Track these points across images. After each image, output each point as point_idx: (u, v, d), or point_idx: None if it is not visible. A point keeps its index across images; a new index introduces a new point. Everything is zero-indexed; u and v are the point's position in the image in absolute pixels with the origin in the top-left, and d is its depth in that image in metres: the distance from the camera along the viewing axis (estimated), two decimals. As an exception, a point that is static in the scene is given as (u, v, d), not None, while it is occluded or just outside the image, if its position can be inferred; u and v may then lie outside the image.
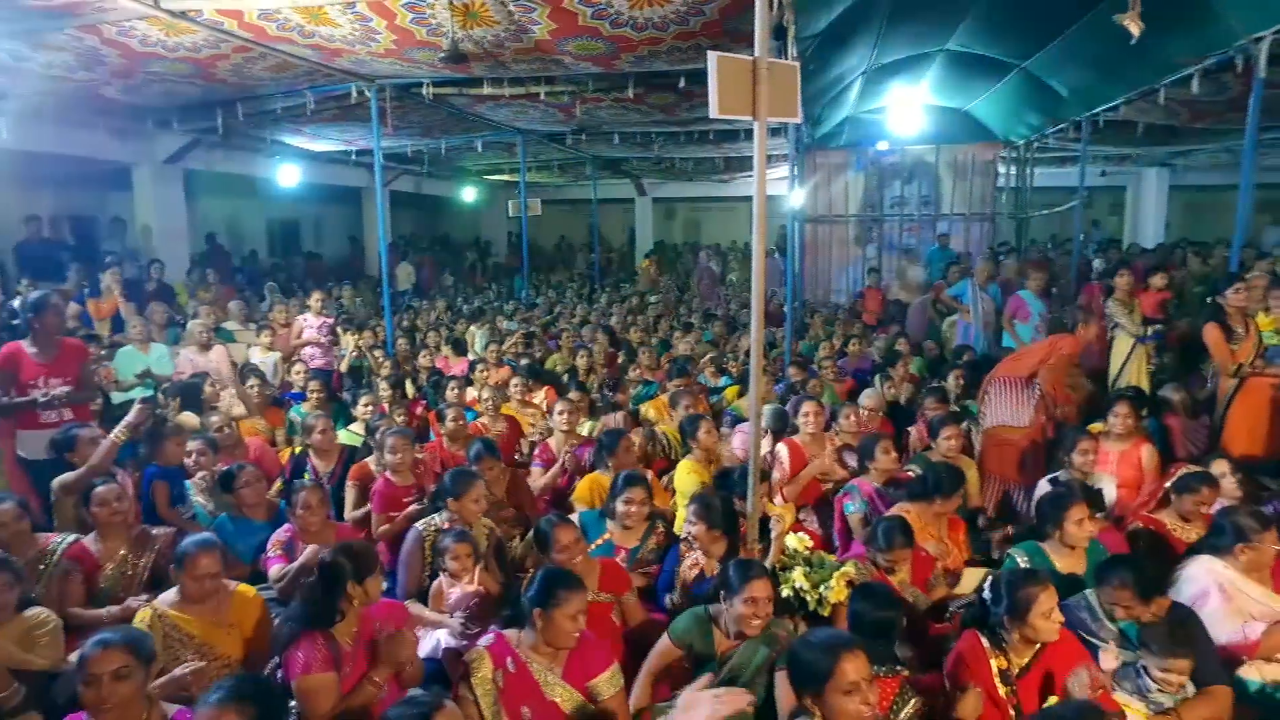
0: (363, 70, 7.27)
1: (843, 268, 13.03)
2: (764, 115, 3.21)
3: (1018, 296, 7.62)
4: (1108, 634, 3.03)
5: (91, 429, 4.59)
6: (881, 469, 4.35)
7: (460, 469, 4.03)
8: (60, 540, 3.58)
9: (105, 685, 2.25)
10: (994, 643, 2.77)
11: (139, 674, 2.32)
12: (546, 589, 2.65)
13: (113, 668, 2.27)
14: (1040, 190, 13.04)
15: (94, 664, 2.27)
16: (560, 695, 2.65)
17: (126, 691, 2.28)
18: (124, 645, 2.32)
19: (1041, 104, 9.82)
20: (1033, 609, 2.68)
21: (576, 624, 2.63)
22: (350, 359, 7.67)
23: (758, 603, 2.83)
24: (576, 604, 2.63)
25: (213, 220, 14.79)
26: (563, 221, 21.83)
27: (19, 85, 7.10)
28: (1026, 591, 2.71)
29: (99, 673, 2.26)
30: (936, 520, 3.91)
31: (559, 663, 2.69)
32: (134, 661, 2.31)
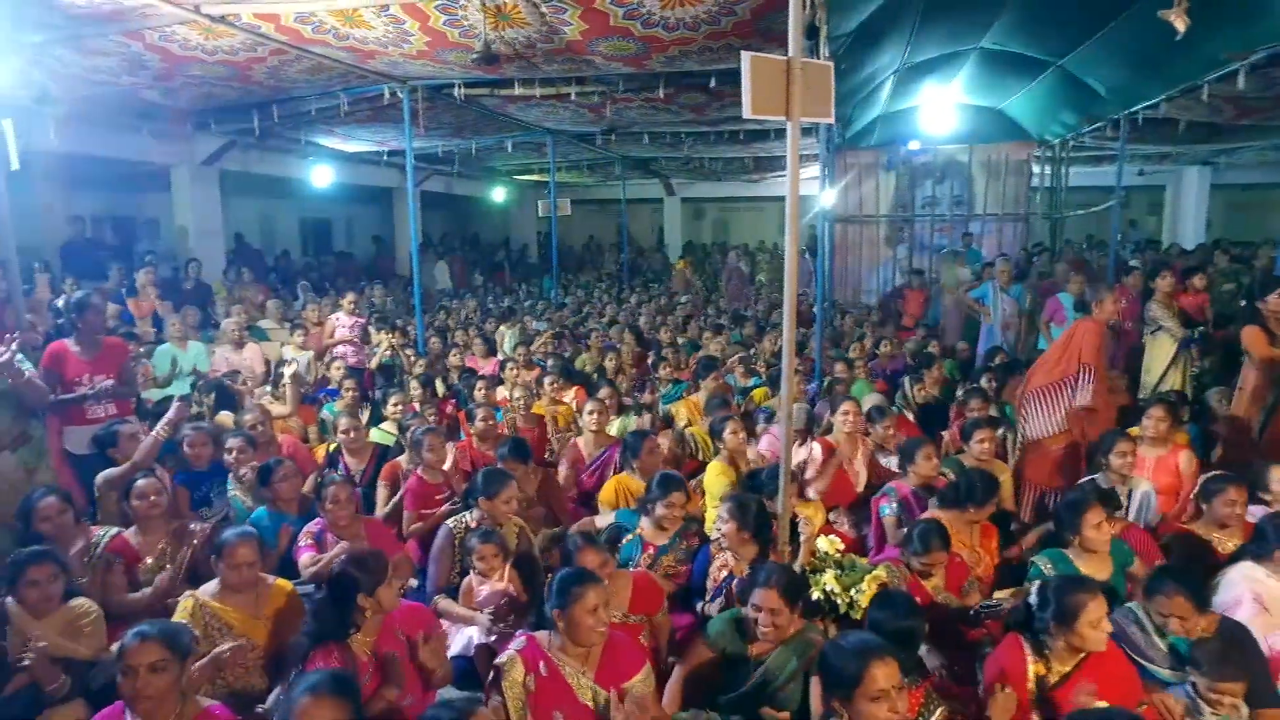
0: (395, 72, 7.35)
1: (873, 268, 12.91)
2: (797, 115, 3.19)
3: (1056, 299, 7.49)
4: (1158, 653, 2.94)
5: (132, 424, 4.70)
6: (921, 474, 4.30)
7: (493, 469, 4.05)
8: (103, 533, 3.67)
9: (142, 676, 2.30)
10: (1035, 649, 2.73)
11: (175, 667, 2.37)
12: (561, 589, 2.67)
13: (150, 660, 2.32)
14: (1075, 190, 12.80)
15: (132, 655, 2.32)
16: (593, 699, 2.64)
17: (162, 683, 2.33)
18: (160, 638, 2.38)
19: (1078, 102, 9.65)
20: (1081, 617, 2.63)
21: (597, 618, 2.62)
22: (382, 357, 7.75)
23: (760, 610, 2.84)
24: (593, 598, 2.62)
25: (247, 220, 15.06)
26: (592, 221, 21.90)
27: (67, 90, 7.28)
28: (1075, 599, 2.66)
29: (136, 664, 2.31)
30: (969, 528, 3.86)
31: (591, 665, 2.69)
32: (170, 655, 2.36)
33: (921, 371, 6.62)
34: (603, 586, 2.72)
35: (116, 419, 4.65)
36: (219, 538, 3.23)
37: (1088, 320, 4.95)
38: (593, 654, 2.70)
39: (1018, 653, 2.73)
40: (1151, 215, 19.61)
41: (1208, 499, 3.78)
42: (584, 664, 2.68)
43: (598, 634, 2.65)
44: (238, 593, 3.15)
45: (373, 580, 2.78)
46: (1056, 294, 7.61)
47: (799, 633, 2.91)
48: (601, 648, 2.72)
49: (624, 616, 3.26)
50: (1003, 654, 2.77)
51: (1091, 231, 16.93)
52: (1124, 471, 4.25)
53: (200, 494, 4.44)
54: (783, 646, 2.89)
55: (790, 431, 3.56)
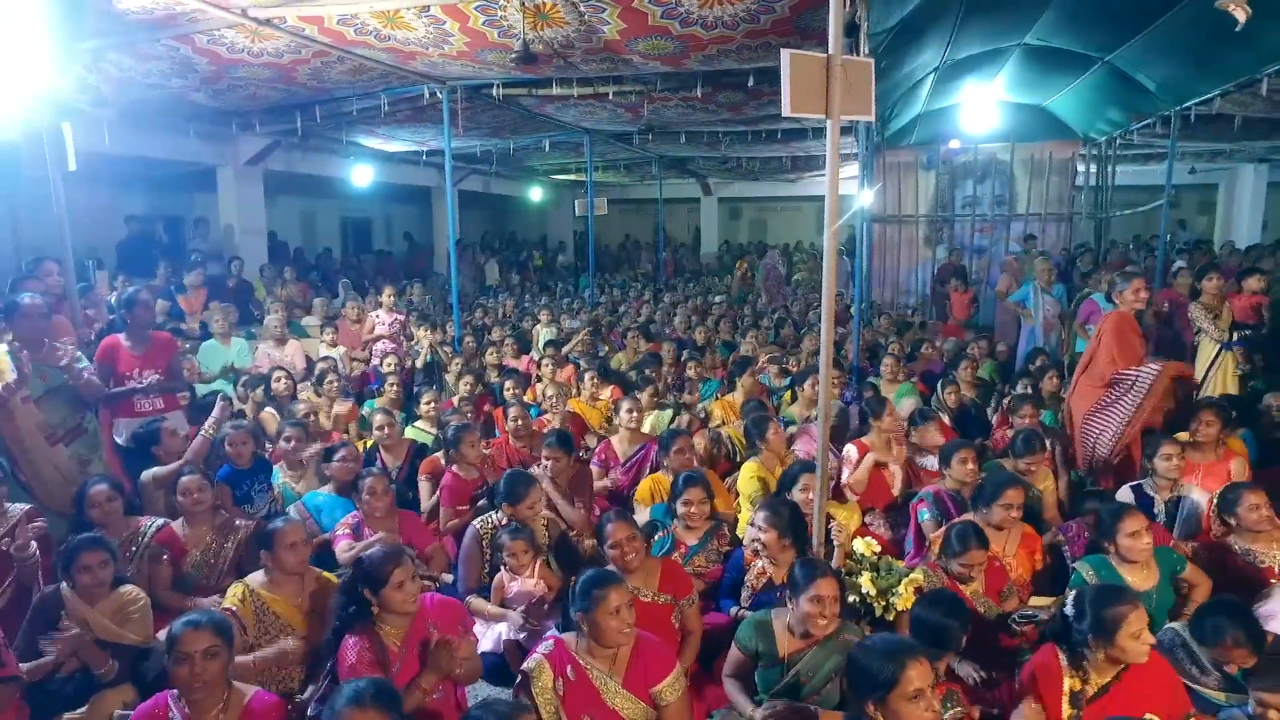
0: (435, 72, 7.43)
1: (911, 269, 12.74)
2: (837, 114, 3.16)
3: (1091, 301, 7.33)
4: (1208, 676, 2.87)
5: (178, 417, 4.85)
6: (956, 478, 4.24)
7: (517, 472, 4.05)
8: (151, 524, 3.77)
9: (197, 663, 2.36)
10: (1072, 661, 2.65)
11: (225, 653, 2.44)
12: (582, 592, 2.66)
13: (203, 646, 2.38)
14: (1122, 189, 12.51)
15: (185, 643, 2.38)
16: (621, 704, 2.63)
17: (215, 669, 2.39)
18: (212, 625, 2.44)
19: (1126, 99, 9.42)
20: (1121, 629, 2.54)
21: (620, 619, 2.60)
22: (426, 356, 7.86)
23: (823, 601, 2.80)
24: (614, 599, 2.60)
25: (290, 219, 15.36)
26: (628, 221, 21.93)
27: (120, 94, 7.49)
28: (1115, 610, 2.56)
29: (191, 650, 2.36)
30: (1001, 534, 3.75)
31: (619, 669, 2.67)
32: (221, 641, 2.43)
33: (952, 374, 6.52)
34: (625, 587, 2.69)
35: (159, 416, 4.79)
36: (266, 528, 3.30)
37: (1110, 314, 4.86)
38: (620, 656, 2.67)
39: (1053, 665, 2.66)
40: (1202, 215, 19.06)
41: (1229, 510, 3.65)
42: (611, 667, 2.66)
43: (623, 635, 2.62)
44: (284, 583, 3.21)
45: (375, 583, 2.76)
46: (1090, 295, 7.46)
47: (836, 633, 2.89)
48: (630, 650, 2.69)
49: (654, 596, 3.29)
50: (1038, 665, 2.70)
51: (1138, 232, 16.52)
52: (1170, 475, 4.13)
53: (242, 491, 4.52)
54: (818, 647, 2.86)
55: (827, 432, 3.53)
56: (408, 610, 2.81)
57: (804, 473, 4.18)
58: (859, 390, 6.62)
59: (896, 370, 6.55)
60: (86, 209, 6.82)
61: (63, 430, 4.25)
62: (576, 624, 2.69)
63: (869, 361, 7.63)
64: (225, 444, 4.58)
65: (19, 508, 3.60)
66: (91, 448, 4.42)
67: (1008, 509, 3.67)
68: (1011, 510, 3.67)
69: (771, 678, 2.92)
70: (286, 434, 4.83)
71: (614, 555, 3.29)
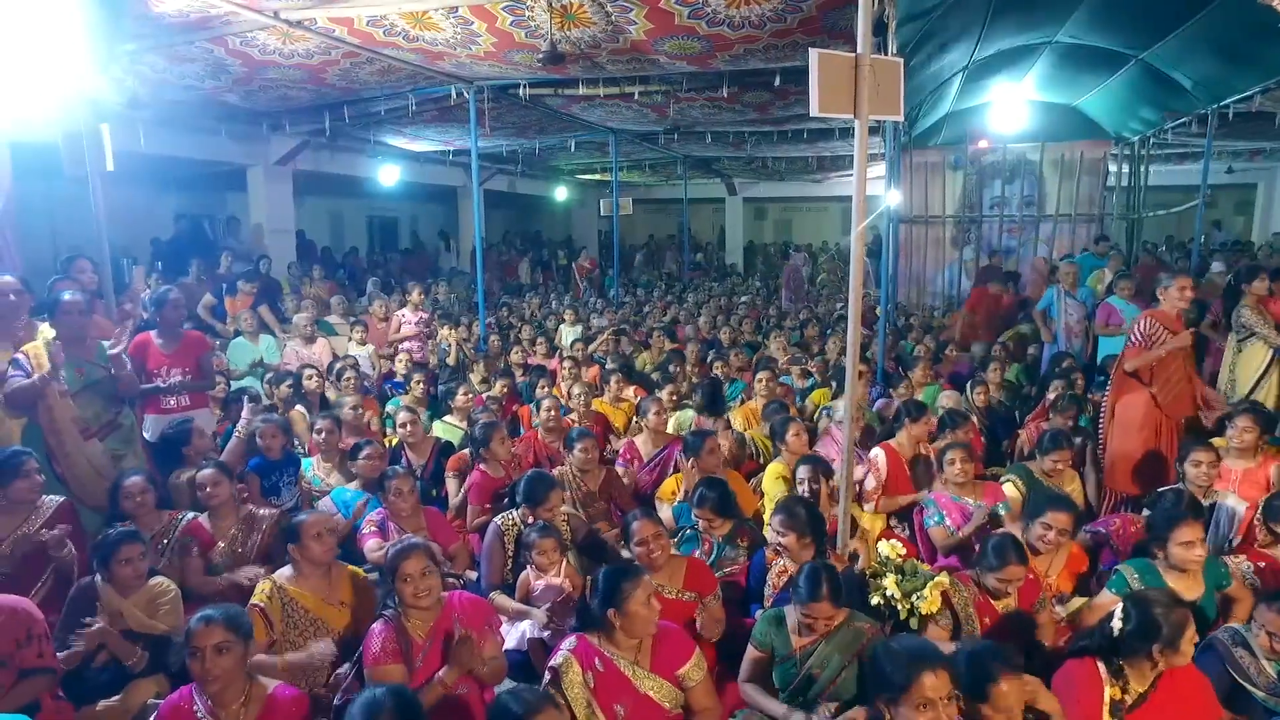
0: (462, 73, 7.49)
1: (938, 270, 12.62)
2: (865, 113, 3.14)
3: (1107, 304, 7.21)
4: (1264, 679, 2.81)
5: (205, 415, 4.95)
6: (947, 478, 4.20)
7: (537, 474, 4.07)
8: (181, 517, 3.84)
9: (209, 657, 2.40)
10: (1112, 670, 2.61)
11: (238, 648, 2.47)
12: (611, 588, 2.67)
13: (214, 641, 2.42)
14: (1155, 189, 12.30)
15: (198, 638, 2.42)
16: (651, 688, 2.68)
17: (227, 664, 2.43)
18: (224, 621, 2.47)
19: (1160, 97, 9.26)
20: (1184, 635, 2.52)
21: (651, 608, 2.66)
22: (455, 355, 7.92)
23: (816, 619, 2.83)
24: (644, 589, 2.66)
25: (318, 218, 15.55)
26: (653, 221, 21.93)
27: (155, 95, 7.63)
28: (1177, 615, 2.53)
29: (202, 645, 2.41)
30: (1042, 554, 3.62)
31: (645, 656, 2.72)
32: (233, 637, 2.46)
33: (981, 375, 6.45)
34: (647, 576, 2.75)
35: (191, 410, 4.88)
36: (291, 521, 3.34)
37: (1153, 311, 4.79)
38: (643, 645, 2.73)
39: (1094, 675, 2.61)
40: (1239, 215, 18.69)
41: (1269, 520, 3.56)
42: (637, 655, 2.72)
43: (652, 624, 2.68)
44: (312, 576, 3.25)
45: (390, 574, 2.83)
46: (1106, 299, 7.35)
47: (843, 624, 2.88)
48: (651, 639, 2.75)
49: (678, 592, 3.32)
50: (1076, 675, 2.65)
51: (1171, 233, 16.23)
52: (1200, 482, 4.06)
53: (270, 483, 4.60)
54: (825, 641, 2.87)
55: (852, 434, 3.51)
56: (420, 604, 2.84)
57: (802, 465, 4.23)
58: (884, 391, 6.58)
59: (924, 373, 6.48)
60: (122, 208, 6.95)
61: (98, 425, 4.34)
62: (603, 621, 2.71)
63: (895, 363, 7.56)
64: (257, 436, 4.66)
65: (54, 499, 3.69)
66: (127, 442, 4.50)
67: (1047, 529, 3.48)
68: (1051, 532, 3.47)
69: (788, 674, 2.92)
70: (319, 426, 4.94)
71: (640, 553, 3.32)
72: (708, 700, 2.79)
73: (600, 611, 2.70)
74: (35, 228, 8.16)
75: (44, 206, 9.65)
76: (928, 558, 4.16)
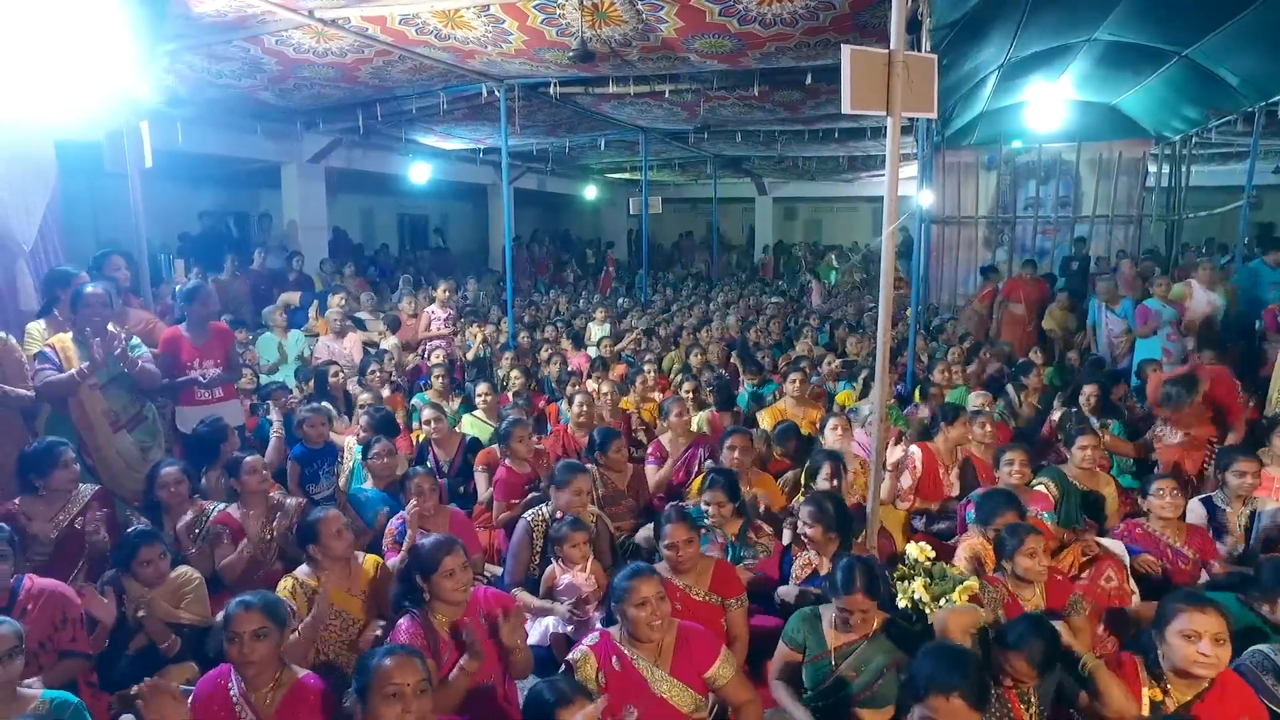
0: (493, 71, 7.52)
1: (969, 271, 12.44)
2: (898, 111, 3.10)
3: (1144, 306, 7.07)
4: None
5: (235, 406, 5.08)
6: (1005, 482, 4.13)
7: (571, 461, 4.09)
8: (213, 506, 3.92)
9: (246, 643, 2.46)
10: (1152, 674, 2.57)
11: (275, 634, 2.52)
12: (615, 584, 2.71)
13: (253, 627, 2.47)
14: (1196, 190, 11.99)
15: (237, 623, 2.48)
16: (667, 691, 2.64)
17: (264, 649, 2.48)
18: (262, 607, 2.53)
19: (1204, 95, 9.02)
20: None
21: (648, 611, 2.61)
22: (477, 350, 7.96)
23: (853, 613, 2.81)
24: (643, 591, 2.63)
25: (350, 216, 15.73)
26: (682, 220, 21.89)
27: (192, 93, 7.77)
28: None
29: (241, 631, 2.46)
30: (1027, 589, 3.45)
31: (665, 659, 2.69)
32: (270, 623, 2.51)
33: (1021, 379, 6.36)
34: (655, 579, 2.71)
35: (222, 401, 4.96)
36: (307, 520, 3.37)
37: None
38: (665, 646, 2.70)
39: (1131, 674, 2.58)
40: (1286, 216, 18.17)
41: None
42: (657, 657, 2.68)
43: (652, 629, 2.63)
44: (333, 570, 3.29)
45: (426, 568, 2.83)
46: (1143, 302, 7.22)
47: (885, 627, 2.85)
48: (674, 640, 2.71)
49: (705, 595, 3.29)
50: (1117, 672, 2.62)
51: (1212, 235, 15.84)
52: (1241, 493, 3.97)
53: (310, 470, 4.68)
54: (868, 642, 2.83)
55: (883, 433, 3.48)
56: (457, 599, 2.87)
57: (828, 461, 4.20)
58: (913, 392, 6.51)
59: (945, 374, 6.41)
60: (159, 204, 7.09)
61: (125, 417, 4.42)
62: (616, 617, 2.72)
63: (925, 365, 7.48)
64: (303, 425, 4.77)
65: (90, 488, 3.77)
66: (151, 435, 4.59)
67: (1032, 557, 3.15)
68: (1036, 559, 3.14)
69: (821, 672, 2.89)
70: (362, 421, 5.03)
71: (670, 555, 3.29)
72: (745, 694, 2.77)
73: (615, 609, 2.71)
74: (78, 223, 8.34)
75: (86, 202, 9.88)
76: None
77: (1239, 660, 2.79)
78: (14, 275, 4.99)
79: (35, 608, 2.88)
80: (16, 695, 2.38)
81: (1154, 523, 3.82)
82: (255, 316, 8.54)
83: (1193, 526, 3.92)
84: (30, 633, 2.56)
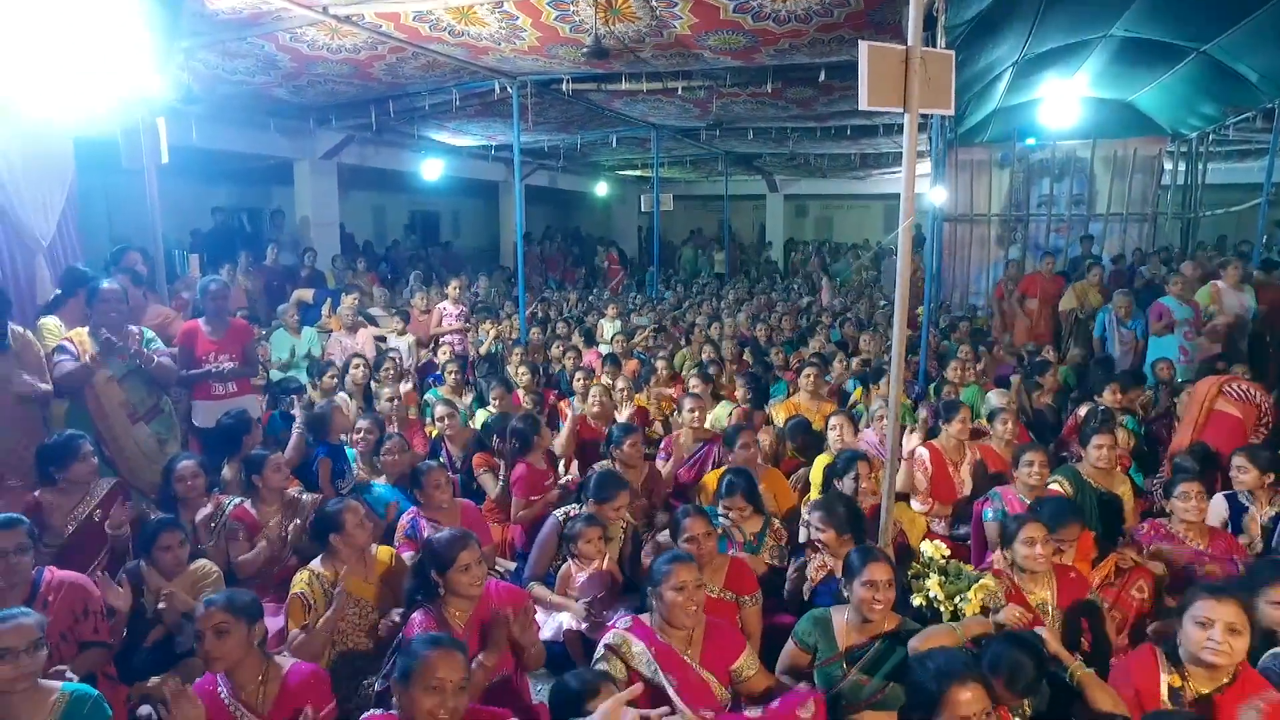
0: (505, 67, 7.53)
1: (981, 269, 12.37)
2: (915, 107, 3.09)
3: (1159, 304, 6.98)
4: None
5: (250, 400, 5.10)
6: (1024, 483, 4.11)
7: (609, 472, 4.07)
8: (230, 501, 3.94)
9: (208, 638, 2.51)
10: (1172, 660, 2.55)
11: (239, 630, 2.54)
12: (654, 568, 2.74)
13: (214, 623, 2.51)
14: (1212, 188, 11.88)
15: (200, 621, 2.54)
16: (706, 677, 2.70)
17: (228, 645, 2.51)
18: (224, 604, 2.56)
19: (1222, 91, 8.95)
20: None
21: (685, 596, 2.66)
22: (489, 347, 7.97)
23: (877, 585, 2.79)
24: (681, 575, 2.67)
25: (361, 212, 15.78)
26: (693, 217, 21.85)
27: (207, 90, 7.80)
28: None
29: (204, 628, 2.52)
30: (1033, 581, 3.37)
31: (695, 649, 2.73)
32: (232, 618, 2.53)
33: (1035, 378, 6.32)
34: (694, 566, 2.74)
35: (238, 396, 4.99)
36: (328, 511, 3.40)
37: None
38: (695, 637, 2.74)
39: (1149, 663, 2.57)
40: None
41: None
42: (687, 646, 2.72)
43: (688, 615, 2.67)
44: (350, 560, 3.32)
45: (441, 564, 2.85)
46: (1158, 300, 7.11)
47: (900, 628, 2.84)
48: (703, 631, 2.76)
49: (720, 591, 3.31)
50: (1133, 663, 2.62)
51: (1226, 233, 15.70)
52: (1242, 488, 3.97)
53: (338, 467, 4.69)
54: (881, 641, 2.83)
55: (896, 432, 3.47)
56: (472, 593, 2.88)
57: (858, 460, 4.13)
58: (925, 391, 6.49)
59: (959, 372, 6.37)
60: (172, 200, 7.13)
61: (143, 410, 4.46)
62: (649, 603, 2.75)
63: (938, 364, 7.44)
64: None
65: (108, 481, 3.81)
66: (168, 428, 4.63)
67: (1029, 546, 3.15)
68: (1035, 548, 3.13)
69: (832, 675, 2.87)
70: (359, 425, 4.97)
71: (689, 549, 3.28)
72: (771, 683, 2.84)
73: (650, 594, 2.74)
74: (92, 219, 8.39)
75: (101, 198, 9.94)
76: (978, 551, 4.09)
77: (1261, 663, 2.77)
78: (33, 271, 5.04)
79: (56, 599, 2.91)
80: (38, 687, 2.40)
81: (1176, 525, 3.75)
82: (269, 312, 8.58)
83: (1215, 530, 3.86)
84: (51, 624, 2.59)
